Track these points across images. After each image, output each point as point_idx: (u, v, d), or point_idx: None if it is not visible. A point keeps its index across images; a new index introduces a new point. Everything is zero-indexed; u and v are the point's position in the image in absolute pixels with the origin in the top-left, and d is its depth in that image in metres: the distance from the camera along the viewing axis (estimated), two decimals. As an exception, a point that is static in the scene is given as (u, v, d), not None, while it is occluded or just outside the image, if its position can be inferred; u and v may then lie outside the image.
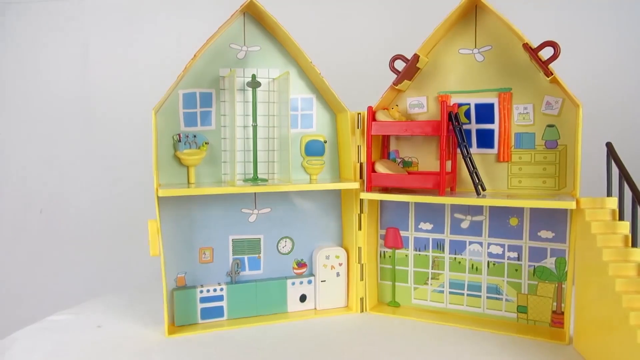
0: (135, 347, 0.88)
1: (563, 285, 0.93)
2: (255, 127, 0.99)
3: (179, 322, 0.97)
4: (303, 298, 1.06)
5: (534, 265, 0.95)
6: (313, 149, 1.05)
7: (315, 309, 1.06)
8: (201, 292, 0.99)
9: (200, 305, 0.99)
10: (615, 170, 0.80)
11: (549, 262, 0.94)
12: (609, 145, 0.81)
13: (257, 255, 1.04)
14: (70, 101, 1.48)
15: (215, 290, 1.00)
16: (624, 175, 0.76)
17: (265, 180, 1.01)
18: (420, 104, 1.02)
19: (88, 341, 0.91)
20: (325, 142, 1.06)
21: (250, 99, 0.99)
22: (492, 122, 0.96)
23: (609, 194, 0.82)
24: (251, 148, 1.00)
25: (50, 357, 0.84)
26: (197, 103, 0.98)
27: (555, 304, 0.94)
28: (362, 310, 1.05)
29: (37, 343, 0.90)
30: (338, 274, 1.07)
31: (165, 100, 0.95)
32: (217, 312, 1.00)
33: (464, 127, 0.98)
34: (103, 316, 1.03)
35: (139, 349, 0.87)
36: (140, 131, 1.19)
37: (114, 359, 0.83)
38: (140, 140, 1.16)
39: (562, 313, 0.93)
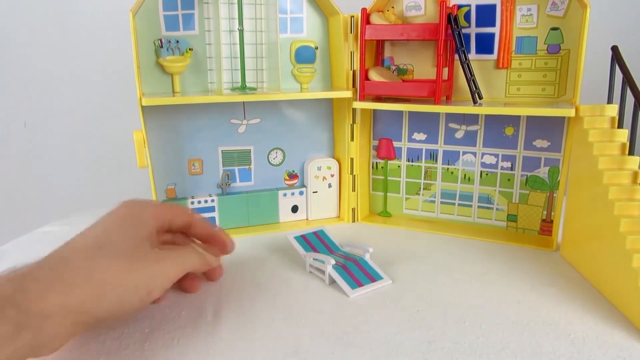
0: (129, 256, 0.88)
1: (554, 195, 0.93)
2: (241, 32, 0.93)
3: (171, 232, 0.98)
4: (295, 209, 1.06)
5: (527, 175, 0.95)
6: (303, 55, 0.99)
7: (307, 219, 1.07)
8: (192, 203, 0.98)
9: (191, 216, 0.98)
10: (618, 77, 0.76)
11: (542, 172, 0.93)
12: (614, 49, 0.77)
13: (247, 167, 1.03)
14: (45, 4, 1.38)
15: (206, 201, 0.99)
16: (628, 79, 0.73)
17: (254, 89, 0.97)
18: (417, 5, 0.96)
19: (81, 251, 0.91)
20: (317, 48, 1.00)
21: (236, 0, 0.92)
22: (493, 25, 0.91)
23: (610, 101, 0.79)
24: (238, 55, 0.95)
25: (44, 266, 0.85)
26: (178, 4, 0.91)
27: (545, 212, 0.95)
28: (353, 220, 1.06)
29: (30, 254, 0.90)
30: (330, 185, 1.06)
31: (144, 1, 0.88)
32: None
33: (463, 31, 0.93)
34: (95, 227, 1.03)
35: (132, 259, 0.87)
36: (121, 37, 1.12)
37: (108, 268, 0.84)
38: (122, 47, 1.09)
39: (551, 221, 0.94)
